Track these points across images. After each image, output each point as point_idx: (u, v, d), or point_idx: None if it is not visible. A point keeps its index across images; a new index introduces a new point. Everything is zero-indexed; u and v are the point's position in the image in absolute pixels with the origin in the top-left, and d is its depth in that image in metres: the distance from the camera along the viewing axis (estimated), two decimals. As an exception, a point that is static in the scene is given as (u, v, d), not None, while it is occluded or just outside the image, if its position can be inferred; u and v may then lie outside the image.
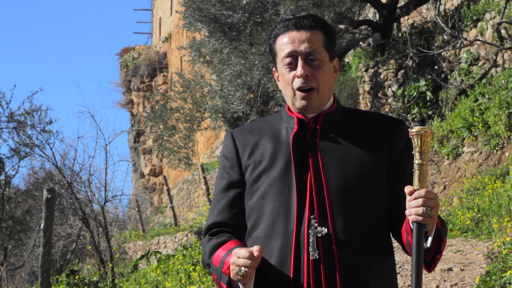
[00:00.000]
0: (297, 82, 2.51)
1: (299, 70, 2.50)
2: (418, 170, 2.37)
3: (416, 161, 2.38)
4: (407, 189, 2.37)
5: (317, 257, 2.43)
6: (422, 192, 2.34)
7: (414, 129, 2.38)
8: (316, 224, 2.45)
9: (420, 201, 2.32)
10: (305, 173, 2.50)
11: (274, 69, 2.63)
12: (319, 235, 2.44)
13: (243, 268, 2.37)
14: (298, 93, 2.52)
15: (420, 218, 2.32)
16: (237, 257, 2.38)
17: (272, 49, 2.60)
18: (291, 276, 2.45)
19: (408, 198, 2.36)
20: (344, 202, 2.47)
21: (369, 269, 2.47)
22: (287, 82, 2.54)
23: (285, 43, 2.53)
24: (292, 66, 2.53)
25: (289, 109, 2.60)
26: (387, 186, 2.53)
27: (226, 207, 2.58)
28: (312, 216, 2.46)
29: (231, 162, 2.61)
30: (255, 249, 2.36)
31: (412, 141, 2.39)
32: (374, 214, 2.50)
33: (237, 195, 2.58)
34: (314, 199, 2.47)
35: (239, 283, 2.43)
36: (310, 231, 2.45)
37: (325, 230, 2.44)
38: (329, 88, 2.56)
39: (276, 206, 2.49)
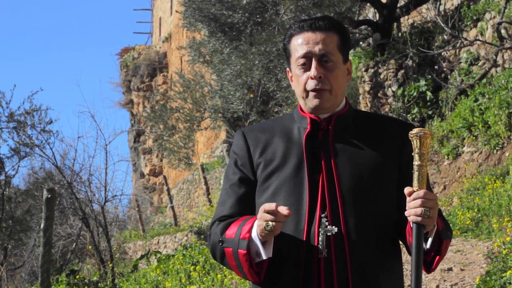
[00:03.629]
0: (311, 84, 2.53)
1: (313, 72, 2.52)
2: (417, 171, 2.40)
3: (415, 162, 2.40)
4: (406, 190, 2.40)
5: (326, 255, 2.45)
6: (421, 193, 2.36)
7: (414, 131, 2.41)
8: (327, 223, 2.47)
9: (418, 201, 2.36)
10: (317, 173, 2.52)
11: (288, 69, 2.65)
12: (329, 233, 2.45)
13: (270, 223, 2.36)
14: (311, 93, 2.54)
15: (419, 218, 2.35)
16: (264, 212, 2.38)
17: (286, 49, 2.62)
18: (302, 274, 2.46)
19: (407, 199, 2.39)
20: (356, 202, 2.49)
21: (380, 268, 2.49)
22: (301, 82, 2.56)
23: (299, 44, 2.55)
24: (306, 67, 2.54)
25: (301, 109, 2.62)
26: (397, 188, 2.55)
27: (236, 202, 2.59)
28: (323, 215, 2.48)
29: (242, 160, 2.62)
30: (282, 209, 2.36)
31: (412, 142, 2.42)
32: (385, 214, 2.52)
33: (248, 192, 2.59)
34: (326, 198, 2.49)
35: (259, 247, 2.42)
36: (320, 230, 2.46)
37: (335, 229, 2.45)
38: (342, 90, 2.60)
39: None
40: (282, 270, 2.48)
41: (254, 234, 2.43)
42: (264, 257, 2.43)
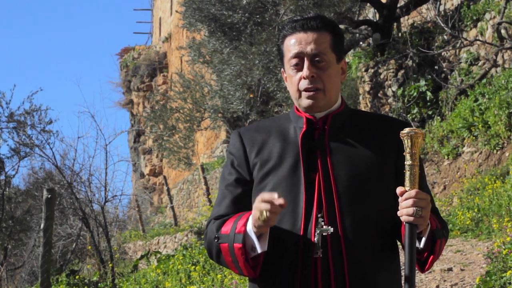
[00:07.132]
0: (303, 83, 2.53)
1: (305, 71, 2.52)
2: (409, 171, 2.40)
3: (407, 162, 2.41)
4: (398, 190, 2.40)
5: (321, 255, 2.44)
6: (413, 192, 2.37)
7: (405, 130, 2.41)
8: (323, 223, 2.46)
9: (410, 201, 2.36)
10: (313, 172, 2.52)
11: (282, 69, 2.65)
12: (325, 233, 2.45)
13: (265, 212, 2.35)
14: (304, 93, 2.54)
15: (411, 218, 2.36)
16: (260, 202, 2.37)
17: (280, 50, 2.62)
18: (299, 274, 2.46)
19: (399, 199, 2.39)
20: (353, 201, 2.48)
21: (377, 268, 2.48)
22: (294, 83, 2.56)
23: (292, 44, 2.55)
24: (299, 67, 2.54)
25: (297, 109, 2.62)
26: (394, 187, 2.54)
27: (232, 202, 2.58)
28: (319, 215, 2.47)
29: (239, 160, 2.62)
30: (278, 200, 2.36)
31: (403, 142, 2.42)
32: (382, 214, 2.51)
33: (244, 192, 2.58)
34: (323, 198, 2.48)
35: (254, 241, 2.41)
36: (316, 229, 2.46)
37: (331, 229, 2.45)
38: (336, 89, 2.58)
39: None
40: (279, 270, 2.48)
41: (249, 227, 2.43)
42: (259, 250, 2.42)
